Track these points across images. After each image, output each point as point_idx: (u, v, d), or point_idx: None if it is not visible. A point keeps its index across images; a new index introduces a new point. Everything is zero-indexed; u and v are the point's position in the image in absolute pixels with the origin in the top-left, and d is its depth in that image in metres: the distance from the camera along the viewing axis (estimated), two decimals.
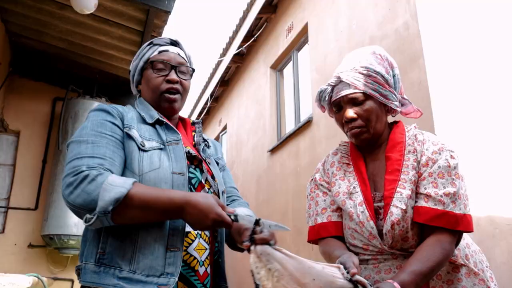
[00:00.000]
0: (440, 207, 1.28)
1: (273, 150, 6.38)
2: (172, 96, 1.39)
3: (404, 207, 1.30)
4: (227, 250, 1.48)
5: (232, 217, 1.15)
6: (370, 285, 1.10)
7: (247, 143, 7.65)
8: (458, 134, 3.22)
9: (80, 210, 1.12)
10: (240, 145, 8.04)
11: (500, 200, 3.16)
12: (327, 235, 1.44)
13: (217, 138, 9.96)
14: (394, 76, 1.46)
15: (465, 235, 1.45)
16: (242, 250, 1.44)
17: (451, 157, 1.36)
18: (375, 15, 4.11)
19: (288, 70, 6.65)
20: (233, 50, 7.81)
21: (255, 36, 7.39)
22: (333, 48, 4.90)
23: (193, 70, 1.49)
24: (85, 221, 1.12)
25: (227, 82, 9.19)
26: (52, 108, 4.63)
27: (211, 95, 9.37)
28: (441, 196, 1.29)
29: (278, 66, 6.86)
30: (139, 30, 3.79)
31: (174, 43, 1.47)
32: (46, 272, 4.12)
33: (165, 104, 1.39)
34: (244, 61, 8.28)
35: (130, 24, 3.73)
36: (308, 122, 5.30)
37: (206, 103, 9.64)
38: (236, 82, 8.68)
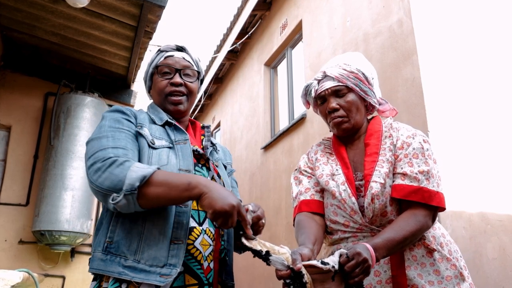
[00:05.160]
0: (415, 184, 1.41)
1: (266, 147, 6.38)
2: (176, 98, 1.45)
3: (382, 182, 1.44)
4: None
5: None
6: (347, 252, 1.19)
7: (240, 140, 7.64)
8: (451, 130, 3.24)
9: (107, 192, 1.17)
10: (233, 142, 8.03)
11: (491, 197, 3.18)
12: (308, 210, 1.55)
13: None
14: (373, 79, 1.63)
15: (439, 225, 1.55)
16: (240, 252, 1.51)
17: (424, 141, 1.51)
18: (369, 12, 4.11)
19: (282, 67, 6.65)
20: (227, 47, 7.80)
21: (249, 33, 7.38)
22: (327, 45, 4.91)
23: (199, 73, 1.54)
24: (112, 200, 1.16)
25: (221, 79, 9.17)
26: (44, 103, 4.58)
27: (205, 92, 9.35)
28: (416, 173, 1.42)
29: (272, 63, 6.86)
30: (132, 25, 3.75)
31: (180, 48, 1.52)
32: (37, 269, 4.07)
33: (170, 106, 1.46)
34: (238, 58, 8.26)
35: (123, 19, 3.69)
36: (302, 119, 5.31)
37: (199, 100, 9.61)
38: (230, 79, 8.67)
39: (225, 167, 1.57)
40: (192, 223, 1.29)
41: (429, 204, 1.39)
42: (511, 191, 3.25)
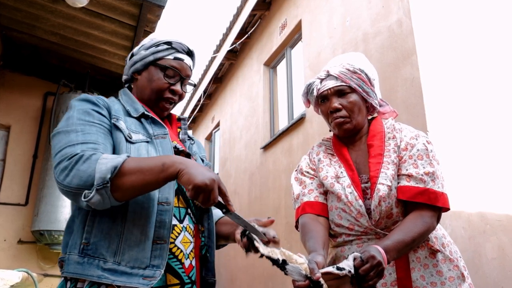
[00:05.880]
0: (421, 185, 1.41)
1: (266, 147, 6.38)
2: (167, 106, 1.43)
3: (389, 184, 1.43)
4: (221, 249, 1.52)
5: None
6: (361, 255, 1.18)
7: (240, 140, 7.64)
8: (450, 130, 3.24)
9: (77, 191, 1.09)
10: (233, 142, 8.03)
11: (491, 196, 3.19)
12: (312, 212, 1.52)
13: (210, 135, 9.95)
14: (374, 80, 1.62)
15: (440, 226, 1.55)
16: (220, 247, 1.50)
17: (427, 142, 1.51)
18: (369, 12, 4.11)
19: (281, 67, 6.65)
20: (226, 47, 7.79)
21: (249, 33, 7.38)
22: (326, 45, 4.91)
23: (194, 85, 1.53)
24: (84, 198, 1.08)
25: (220, 79, 9.17)
26: (43, 103, 4.59)
27: (204, 92, 9.35)
28: (422, 175, 1.42)
29: (271, 63, 6.86)
30: (132, 25, 3.76)
31: (191, 53, 1.48)
32: (36, 268, 4.08)
33: (158, 109, 1.42)
34: (237, 58, 8.26)
35: (123, 18, 3.69)
36: (301, 119, 5.31)
37: (199, 100, 9.62)
38: (230, 79, 8.67)
39: (202, 160, 1.52)
40: (173, 221, 1.23)
41: (434, 205, 1.39)
42: (510, 191, 3.26)
